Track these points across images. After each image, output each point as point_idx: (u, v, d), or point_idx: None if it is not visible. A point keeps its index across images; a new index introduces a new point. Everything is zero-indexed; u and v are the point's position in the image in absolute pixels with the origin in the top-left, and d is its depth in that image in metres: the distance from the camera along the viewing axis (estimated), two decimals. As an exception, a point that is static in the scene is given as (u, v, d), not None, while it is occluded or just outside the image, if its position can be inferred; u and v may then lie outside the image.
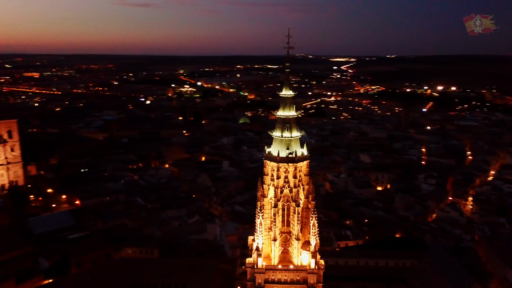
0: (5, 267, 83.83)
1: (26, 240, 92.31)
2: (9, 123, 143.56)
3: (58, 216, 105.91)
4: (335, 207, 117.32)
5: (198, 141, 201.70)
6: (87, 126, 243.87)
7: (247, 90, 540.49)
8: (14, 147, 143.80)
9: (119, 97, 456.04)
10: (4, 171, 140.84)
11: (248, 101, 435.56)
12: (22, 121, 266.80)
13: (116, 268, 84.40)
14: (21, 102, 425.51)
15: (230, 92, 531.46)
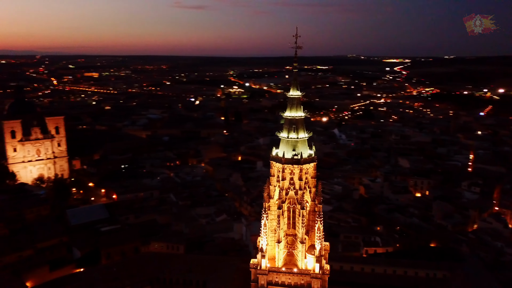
0: (41, 254, 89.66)
1: (63, 230, 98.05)
2: (57, 119, 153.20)
3: (93, 209, 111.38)
4: (366, 212, 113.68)
5: (235, 140, 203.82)
6: (132, 124, 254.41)
7: None
8: (61, 142, 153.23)
9: (170, 97, 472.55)
10: (51, 165, 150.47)
11: None
12: (74, 118, 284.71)
13: (142, 262, 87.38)
14: (80, 100, 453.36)
15: (278, 93, 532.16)
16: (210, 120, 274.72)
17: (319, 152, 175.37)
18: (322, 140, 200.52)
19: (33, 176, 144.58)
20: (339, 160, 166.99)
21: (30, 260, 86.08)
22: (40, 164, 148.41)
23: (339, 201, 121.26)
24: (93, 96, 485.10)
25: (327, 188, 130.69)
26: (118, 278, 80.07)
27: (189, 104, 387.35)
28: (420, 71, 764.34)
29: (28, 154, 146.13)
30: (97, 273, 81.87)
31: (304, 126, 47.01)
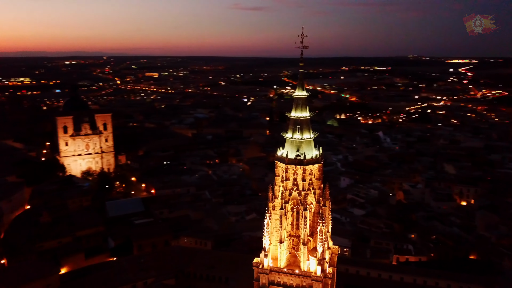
0: (79, 242, 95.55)
1: (100, 221, 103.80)
2: (105, 116, 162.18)
3: (130, 202, 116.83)
4: (401, 219, 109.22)
5: (275, 140, 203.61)
6: (179, 122, 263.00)
7: (349, 92, 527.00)
8: (108, 138, 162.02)
9: (224, 97, 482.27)
10: (99, 159, 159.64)
11: (348, 103, 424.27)
12: (127, 115, 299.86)
13: (170, 255, 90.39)
14: (140, 99, 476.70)
15: (331, 94, 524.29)
16: (254, 120, 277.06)
17: (360, 155, 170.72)
18: (365, 142, 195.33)
19: (82, 169, 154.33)
20: (380, 164, 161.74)
21: (68, 247, 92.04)
22: (88, 158, 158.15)
23: (373, 206, 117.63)
24: (152, 95, 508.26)
25: (363, 192, 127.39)
26: (144, 269, 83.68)
27: (238, 104, 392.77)
28: (488, 72, 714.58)
29: (78, 148, 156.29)
30: (126, 263, 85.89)
31: (309, 127, 46.41)
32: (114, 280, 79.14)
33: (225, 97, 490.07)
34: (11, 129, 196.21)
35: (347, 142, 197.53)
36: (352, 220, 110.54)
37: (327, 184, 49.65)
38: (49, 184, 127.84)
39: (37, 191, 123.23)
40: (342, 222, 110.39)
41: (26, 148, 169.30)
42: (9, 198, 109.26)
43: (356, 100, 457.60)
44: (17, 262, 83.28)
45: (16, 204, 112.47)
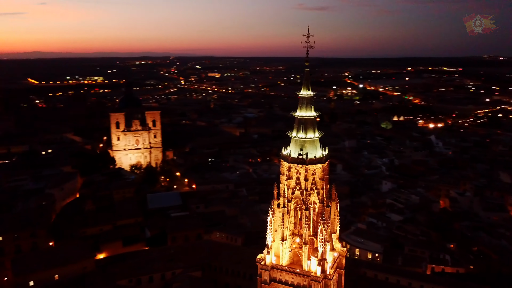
0: (118, 230, 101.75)
1: (140, 212, 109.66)
2: (154, 114, 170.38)
3: (169, 195, 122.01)
4: (441, 227, 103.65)
5: (321, 142, 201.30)
6: (228, 121, 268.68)
7: (413, 94, 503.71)
8: (157, 134, 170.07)
9: (281, 97, 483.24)
10: (147, 154, 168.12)
11: (410, 105, 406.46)
12: (181, 114, 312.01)
13: (200, 248, 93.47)
14: (201, 98, 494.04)
15: (393, 95, 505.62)
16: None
17: (407, 159, 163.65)
18: (414, 146, 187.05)
19: (131, 162, 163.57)
20: (428, 169, 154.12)
21: (108, 234, 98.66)
22: (138, 153, 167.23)
23: (413, 212, 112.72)
24: (213, 95, 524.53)
25: (403, 197, 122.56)
26: (174, 259, 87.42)
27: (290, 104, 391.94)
28: None
29: (129, 143, 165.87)
30: (157, 253, 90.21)
31: (314, 127, 46.31)
32: (144, 268, 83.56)
33: (282, 97, 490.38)
34: (73, 124, 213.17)
35: (395, 145, 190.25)
36: (389, 225, 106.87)
37: (333, 185, 49.31)
38: (99, 176, 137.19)
39: (88, 182, 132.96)
40: (378, 227, 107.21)
41: (83, 141, 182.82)
42: (61, 187, 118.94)
43: (419, 102, 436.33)
44: (61, 245, 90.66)
45: (68, 193, 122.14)
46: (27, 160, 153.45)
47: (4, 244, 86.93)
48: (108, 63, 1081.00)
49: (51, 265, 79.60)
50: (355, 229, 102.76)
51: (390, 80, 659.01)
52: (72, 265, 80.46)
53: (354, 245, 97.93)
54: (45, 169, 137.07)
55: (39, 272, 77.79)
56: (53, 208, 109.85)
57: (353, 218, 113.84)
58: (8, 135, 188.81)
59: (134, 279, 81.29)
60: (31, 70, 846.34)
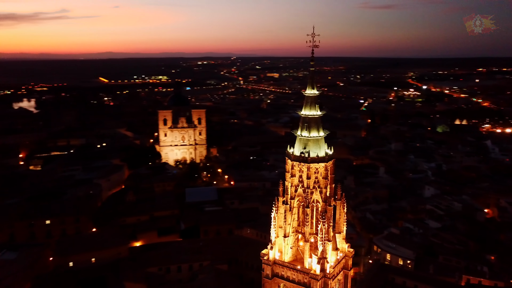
0: (155, 221, 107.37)
1: (176, 205, 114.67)
2: (199, 112, 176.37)
3: (206, 190, 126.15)
4: (480, 237, 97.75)
5: (367, 144, 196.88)
6: (275, 121, 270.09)
7: (482, 96, 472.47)
8: (202, 131, 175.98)
9: (339, 98, 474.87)
10: (192, 150, 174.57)
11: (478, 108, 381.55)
12: (231, 112, 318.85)
13: (229, 242, 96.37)
14: (258, 98, 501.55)
15: (460, 97, 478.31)
16: (352, 122, 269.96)
17: (457, 164, 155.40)
18: (467, 151, 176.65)
19: (177, 158, 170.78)
20: (479, 176, 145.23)
21: (145, 224, 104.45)
22: (183, 149, 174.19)
23: (453, 220, 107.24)
24: (270, 95, 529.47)
25: (444, 204, 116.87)
26: (202, 252, 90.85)
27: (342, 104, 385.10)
28: None
29: (175, 139, 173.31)
30: (187, 245, 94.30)
31: (318, 125, 46.53)
32: (174, 258, 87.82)
33: (340, 98, 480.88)
34: (126, 120, 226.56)
35: (446, 150, 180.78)
36: (425, 232, 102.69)
37: (339, 184, 49.14)
38: (145, 169, 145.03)
39: (133, 174, 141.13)
40: (414, 233, 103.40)
41: (134, 136, 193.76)
42: (108, 178, 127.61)
43: (488, 105, 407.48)
44: (101, 231, 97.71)
45: (114, 183, 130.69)
46: (83, 152, 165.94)
47: (52, 227, 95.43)
48: (172, 63, 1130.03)
49: (89, 249, 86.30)
50: (388, 234, 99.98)
51: (458, 81, 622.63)
52: (108, 250, 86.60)
53: (385, 250, 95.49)
54: (96, 161, 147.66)
55: (78, 255, 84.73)
56: (99, 197, 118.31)
57: (388, 223, 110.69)
58: (69, 129, 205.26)
59: (164, 267, 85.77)
60: (103, 70, 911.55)
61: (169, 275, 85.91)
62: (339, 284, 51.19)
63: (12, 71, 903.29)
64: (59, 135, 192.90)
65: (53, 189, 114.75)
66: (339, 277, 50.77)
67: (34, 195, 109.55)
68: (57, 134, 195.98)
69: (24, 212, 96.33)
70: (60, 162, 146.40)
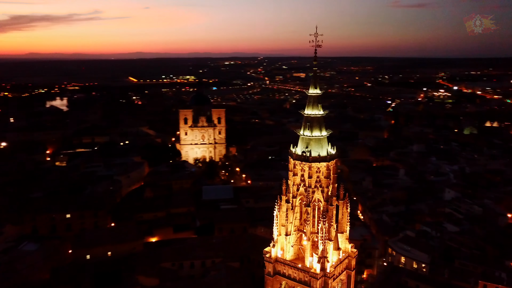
0: (171, 218, 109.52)
1: (192, 202, 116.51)
2: (219, 111, 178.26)
3: (222, 189, 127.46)
4: (500, 242, 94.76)
5: (389, 145, 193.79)
6: (296, 121, 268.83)
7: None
8: (221, 131, 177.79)
9: (365, 98, 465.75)
10: (212, 149, 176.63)
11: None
12: (253, 112, 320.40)
13: (242, 240, 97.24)
14: (283, 98, 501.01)
15: (493, 98, 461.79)
16: (374, 123, 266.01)
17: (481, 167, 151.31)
18: (493, 154, 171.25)
19: (197, 156, 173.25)
20: (504, 180, 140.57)
21: (161, 220, 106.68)
22: (203, 147, 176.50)
23: (472, 224, 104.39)
24: (295, 95, 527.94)
25: (464, 207, 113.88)
26: (215, 249, 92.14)
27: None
28: None
29: (195, 138, 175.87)
30: (201, 241, 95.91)
31: (320, 125, 46.77)
32: (187, 254, 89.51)
33: (367, 98, 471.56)
34: (149, 119, 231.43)
35: (470, 152, 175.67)
36: (443, 236, 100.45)
37: (342, 184, 49.18)
38: (164, 167, 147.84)
39: (153, 171, 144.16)
40: (431, 236, 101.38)
41: (156, 135, 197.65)
42: (127, 174, 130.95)
43: None
44: (118, 226, 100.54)
45: (134, 180, 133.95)
46: (106, 149, 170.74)
47: (72, 221, 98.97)
48: (200, 63, 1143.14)
49: (106, 243, 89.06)
50: (403, 236, 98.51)
51: (492, 82, 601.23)
52: (124, 244, 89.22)
53: (400, 253, 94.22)
54: (118, 158, 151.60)
55: (95, 248, 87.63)
56: (119, 193, 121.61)
57: (405, 225, 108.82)
58: (94, 127, 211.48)
59: (177, 263, 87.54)
60: (132, 70, 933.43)
61: (182, 271, 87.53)
62: (342, 284, 51.12)
63: (47, 70, 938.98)
64: (84, 133, 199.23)
65: (75, 185, 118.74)
66: (341, 277, 50.68)
67: (57, 190, 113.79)
68: (82, 131, 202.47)
69: (46, 206, 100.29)
70: (83, 159, 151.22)
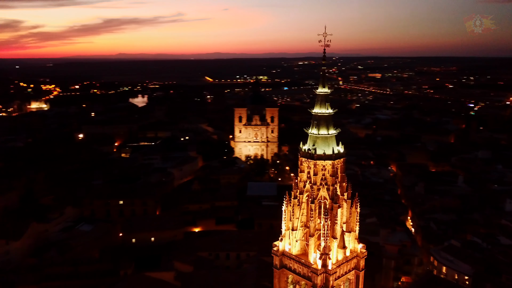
0: (214, 210, 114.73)
1: (236, 197, 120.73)
2: (273, 110, 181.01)
3: (267, 186, 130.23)
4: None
5: (451, 150, 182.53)
6: (356, 122, 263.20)
7: None
8: (274, 130, 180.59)
9: (445, 101, 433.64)
10: (264, 147, 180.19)
11: None
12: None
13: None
14: (356, 99, 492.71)
15: None
16: (441, 126, 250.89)
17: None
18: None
19: (249, 153, 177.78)
20: None
21: (205, 212, 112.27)
22: (256, 145, 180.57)
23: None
24: (369, 96, 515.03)
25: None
26: (250, 243, 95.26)
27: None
28: None
29: (248, 136, 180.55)
30: (239, 235, 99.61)
31: (327, 124, 47.27)
32: (223, 245, 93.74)
33: (446, 101, 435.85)
34: (209, 116, 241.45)
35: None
36: (493, 248, 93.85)
37: (350, 184, 49.42)
38: (216, 162, 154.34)
39: (205, 166, 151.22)
40: (480, 248, 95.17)
41: (214, 132, 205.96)
42: (180, 168, 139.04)
43: None
44: (164, 215, 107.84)
45: (186, 173, 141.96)
46: (166, 144, 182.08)
47: (124, 207, 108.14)
48: (274, 63, 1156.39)
49: (150, 229, 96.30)
50: (447, 246, 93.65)
51: None
52: (166, 232, 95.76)
53: (441, 262, 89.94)
54: (176, 152, 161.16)
55: (140, 233, 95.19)
56: (170, 184, 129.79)
57: (454, 234, 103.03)
58: (159, 122, 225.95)
59: (214, 253, 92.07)
60: (209, 70, 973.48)
61: (217, 261, 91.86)
62: (350, 284, 51.25)
63: (133, 70, 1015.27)
64: (149, 128, 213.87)
65: (131, 175, 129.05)
66: (349, 277, 50.86)
67: (114, 179, 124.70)
68: (147, 126, 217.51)
69: (103, 193, 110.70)
70: (144, 152, 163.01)
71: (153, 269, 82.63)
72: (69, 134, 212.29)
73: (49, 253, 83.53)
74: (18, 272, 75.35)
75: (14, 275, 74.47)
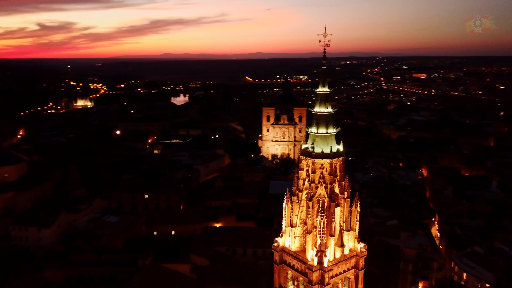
0: (236, 207, 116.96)
1: (258, 194, 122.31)
2: (301, 110, 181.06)
3: (289, 185, 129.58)
4: None
5: (488, 153, 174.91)
6: (390, 123, 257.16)
7: None
8: (301, 129, 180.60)
9: (493, 103, 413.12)
10: (292, 146, 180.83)
11: None
12: (347, 112, 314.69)
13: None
14: (398, 99, 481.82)
15: None
16: (481, 129, 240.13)
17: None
18: None
19: (277, 153, 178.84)
20: None
21: (227, 208, 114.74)
22: (283, 145, 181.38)
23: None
24: (412, 97, 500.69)
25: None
26: (267, 240, 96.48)
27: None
28: None
29: (276, 135, 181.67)
30: (257, 232, 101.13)
31: (326, 123, 47.98)
32: (241, 242, 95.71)
33: (495, 103, 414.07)
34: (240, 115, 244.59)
35: None
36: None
37: (349, 182, 49.84)
38: (242, 160, 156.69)
39: (231, 164, 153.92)
40: (506, 256, 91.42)
41: (243, 130, 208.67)
42: (206, 165, 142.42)
43: None
44: (186, 210, 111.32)
45: (212, 170, 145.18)
46: (197, 141, 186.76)
47: (148, 201, 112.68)
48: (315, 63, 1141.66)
49: (172, 223, 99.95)
50: (470, 251, 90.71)
51: None
52: (186, 226, 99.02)
53: (462, 268, 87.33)
54: (205, 149, 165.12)
55: (162, 226, 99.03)
56: (196, 180, 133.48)
57: (480, 241, 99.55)
58: (191, 121, 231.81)
59: (231, 248, 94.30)
60: (250, 70, 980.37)
61: (234, 256, 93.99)
62: (350, 282, 51.65)
63: (177, 69, 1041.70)
64: (182, 126, 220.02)
65: (159, 170, 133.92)
66: (348, 275, 51.28)
67: (142, 174, 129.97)
68: (180, 124, 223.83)
69: (130, 186, 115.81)
70: (175, 149, 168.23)
71: (170, 260, 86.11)
72: (107, 131, 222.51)
73: (76, 241, 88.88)
74: (47, 258, 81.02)
75: (43, 260, 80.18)
